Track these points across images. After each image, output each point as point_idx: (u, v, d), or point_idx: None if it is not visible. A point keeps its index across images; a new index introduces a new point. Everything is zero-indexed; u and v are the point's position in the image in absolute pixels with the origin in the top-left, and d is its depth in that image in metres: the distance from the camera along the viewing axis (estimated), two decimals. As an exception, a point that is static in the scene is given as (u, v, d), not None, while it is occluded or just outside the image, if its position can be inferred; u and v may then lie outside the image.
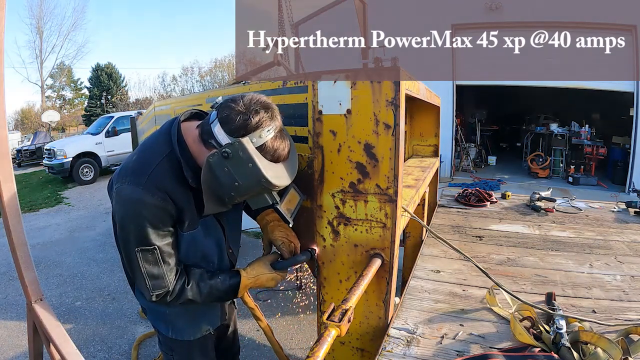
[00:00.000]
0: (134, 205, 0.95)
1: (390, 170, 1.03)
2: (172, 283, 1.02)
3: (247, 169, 0.90)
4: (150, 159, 0.99)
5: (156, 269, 0.99)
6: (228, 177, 0.91)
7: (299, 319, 3.07)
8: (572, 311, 1.12)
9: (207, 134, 0.95)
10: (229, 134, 0.91)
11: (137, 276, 1.01)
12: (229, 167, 0.90)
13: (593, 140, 8.70)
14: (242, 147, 0.89)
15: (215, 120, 0.94)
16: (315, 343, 0.76)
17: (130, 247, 0.98)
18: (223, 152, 0.89)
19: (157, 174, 0.97)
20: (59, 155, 9.45)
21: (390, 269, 1.09)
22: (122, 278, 4.02)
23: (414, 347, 0.99)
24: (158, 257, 0.98)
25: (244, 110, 0.91)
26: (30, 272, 1.38)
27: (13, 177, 1.32)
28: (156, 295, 1.02)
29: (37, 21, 25.06)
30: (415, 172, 1.98)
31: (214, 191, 0.96)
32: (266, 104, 0.94)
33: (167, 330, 1.22)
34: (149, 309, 1.24)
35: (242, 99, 0.93)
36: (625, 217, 2.04)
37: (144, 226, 0.95)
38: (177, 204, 1.00)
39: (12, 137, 16.30)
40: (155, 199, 0.95)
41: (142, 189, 0.94)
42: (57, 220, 6.54)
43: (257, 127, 0.91)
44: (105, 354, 2.78)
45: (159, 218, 0.97)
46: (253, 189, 0.94)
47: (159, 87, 31.33)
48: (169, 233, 1.01)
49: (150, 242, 0.97)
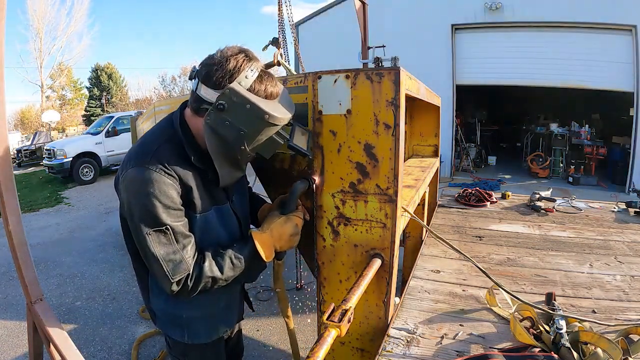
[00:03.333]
0: (140, 184, 0.91)
1: (390, 170, 1.03)
2: (191, 265, 0.96)
3: (246, 111, 0.89)
4: (153, 142, 0.98)
5: (172, 251, 0.93)
6: (232, 130, 0.90)
7: (299, 319, 3.07)
8: (572, 311, 1.12)
9: (197, 102, 0.94)
10: (215, 88, 0.90)
11: (154, 265, 0.94)
12: (229, 119, 0.89)
13: (593, 140, 8.71)
14: (233, 92, 0.88)
15: (199, 83, 0.92)
16: (315, 343, 0.76)
17: (142, 232, 0.92)
18: (218, 106, 0.88)
19: (160, 153, 0.94)
20: (59, 155, 9.45)
21: (390, 269, 1.09)
22: (122, 278, 4.02)
23: (414, 347, 0.99)
24: (171, 238, 0.93)
25: (221, 60, 0.90)
26: (30, 272, 1.37)
27: (13, 177, 1.32)
28: (177, 283, 0.95)
29: (37, 21, 25.03)
30: (415, 172, 1.98)
31: (223, 153, 0.94)
32: (240, 48, 0.93)
33: (182, 335, 1.16)
34: (163, 314, 1.16)
35: (215, 53, 0.92)
36: (625, 217, 2.04)
37: (153, 204, 0.90)
38: (184, 182, 0.96)
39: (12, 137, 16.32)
40: (161, 175, 0.91)
41: (147, 167, 0.91)
42: (57, 220, 6.54)
43: (240, 70, 0.90)
44: (105, 354, 2.78)
45: (167, 195, 0.92)
46: (259, 131, 0.92)
47: (158, 87, 31.36)
48: (180, 212, 0.96)
49: (161, 221, 0.91)
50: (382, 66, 5.54)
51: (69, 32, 26.97)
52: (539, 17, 8.01)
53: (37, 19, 24.93)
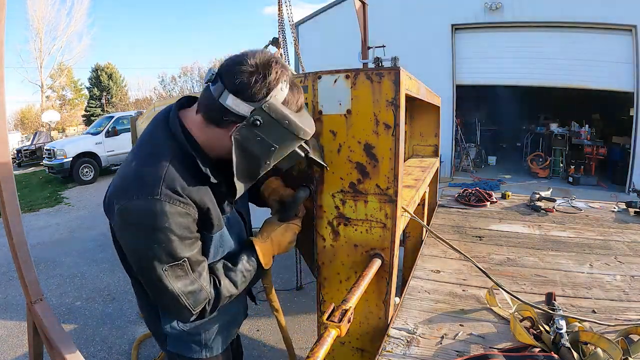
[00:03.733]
0: (154, 220, 0.80)
1: (390, 170, 1.03)
2: (209, 291, 0.90)
3: (282, 129, 0.83)
4: (157, 163, 0.84)
5: (189, 282, 0.86)
6: (263, 145, 0.84)
7: (299, 319, 3.07)
8: (572, 311, 1.12)
9: (218, 112, 0.83)
10: (250, 101, 0.81)
11: (169, 300, 0.86)
12: (262, 135, 0.82)
13: (593, 140, 8.72)
14: (273, 108, 0.81)
15: (224, 92, 0.81)
16: (315, 343, 0.76)
17: (155, 271, 0.83)
18: (253, 121, 0.81)
19: (170, 177, 0.83)
20: (59, 155, 9.46)
21: (390, 269, 1.09)
22: (122, 278, 4.02)
23: (414, 347, 0.99)
24: (188, 269, 0.86)
25: (257, 69, 0.81)
26: (30, 272, 1.37)
27: (13, 177, 1.32)
28: (198, 312, 0.89)
29: (37, 21, 25.03)
30: (415, 172, 1.97)
31: (247, 169, 0.87)
32: (272, 55, 0.85)
33: (199, 353, 1.09)
34: (177, 336, 1.06)
35: (246, 59, 0.81)
36: (625, 217, 2.04)
37: (170, 240, 0.81)
38: (201, 205, 0.88)
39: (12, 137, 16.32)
40: (177, 206, 0.82)
41: (158, 199, 0.80)
42: (57, 220, 6.54)
43: (277, 83, 0.83)
44: (105, 354, 2.78)
45: (184, 227, 0.84)
46: (289, 148, 0.88)
47: (158, 87, 31.38)
48: (196, 239, 0.89)
49: (178, 255, 0.83)
50: (382, 66, 5.54)
51: (69, 32, 26.97)
52: (539, 17, 8.02)
53: (37, 19, 24.92)
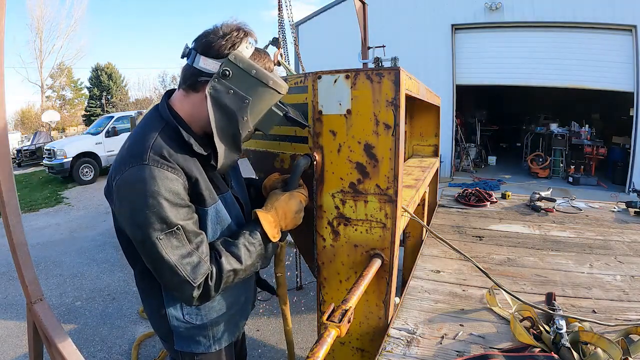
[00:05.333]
0: (143, 185, 0.81)
1: (390, 170, 1.03)
2: (209, 265, 0.89)
3: (251, 78, 0.88)
4: (145, 137, 0.88)
5: (187, 253, 0.85)
6: (236, 99, 0.88)
7: (299, 319, 3.07)
8: (572, 311, 1.12)
9: (193, 76, 0.90)
10: (218, 57, 0.87)
11: (168, 273, 0.85)
12: (233, 87, 0.87)
13: (593, 140, 8.72)
14: (239, 57, 0.87)
15: (196, 55, 0.88)
16: (315, 343, 0.76)
17: (150, 239, 0.82)
18: (222, 72, 0.86)
19: (158, 145, 0.86)
20: (59, 155, 9.46)
21: (390, 269, 1.09)
22: (122, 278, 4.02)
23: (414, 347, 0.99)
24: (183, 239, 0.85)
25: (222, 31, 0.89)
26: (30, 272, 1.37)
27: (13, 177, 1.32)
28: (199, 286, 0.87)
29: (37, 21, 25.05)
30: (415, 172, 1.97)
31: (225, 128, 0.89)
32: (240, 23, 0.92)
33: (208, 346, 1.07)
34: (185, 331, 1.04)
35: (215, 27, 0.90)
36: (625, 217, 2.04)
37: (160, 204, 0.81)
38: (189, 174, 0.89)
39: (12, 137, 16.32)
40: (165, 170, 0.84)
41: (144, 164, 0.83)
42: (57, 220, 6.54)
43: (242, 40, 0.89)
44: (105, 354, 2.78)
45: (173, 191, 0.84)
46: (263, 99, 0.91)
47: (159, 87, 31.36)
48: (190, 209, 0.89)
49: (171, 221, 0.83)
50: (382, 66, 5.54)
51: (69, 32, 27.00)
52: (539, 17, 8.01)
53: (37, 19, 24.95)
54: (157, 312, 1.04)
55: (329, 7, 10.69)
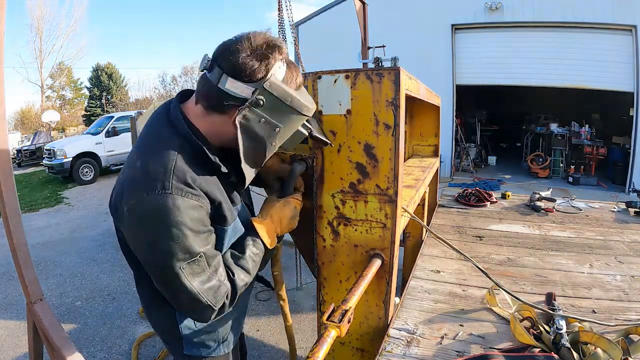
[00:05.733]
0: (167, 215, 0.77)
1: (390, 170, 1.03)
2: (227, 286, 0.88)
3: (285, 106, 0.82)
4: (164, 157, 0.81)
5: (207, 278, 0.83)
6: (267, 127, 0.83)
7: (299, 319, 3.07)
8: (572, 311, 1.12)
9: (219, 98, 0.81)
10: (250, 82, 0.79)
11: (186, 299, 0.83)
12: (266, 115, 0.81)
13: (593, 140, 8.72)
14: (275, 87, 0.80)
15: (222, 76, 0.79)
16: (315, 343, 0.76)
17: (172, 269, 0.79)
18: (256, 102, 0.80)
19: (181, 170, 0.80)
20: (59, 155, 9.46)
21: (390, 269, 1.09)
22: (122, 278, 4.02)
23: (414, 347, 0.99)
24: (204, 265, 0.83)
25: (254, 50, 0.79)
26: (30, 272, 1.38)
27: (13, 177, 1.32)
28: (219, 308, 0.87)
29: (37, 21, 25.05)
30: (415, 172, 1.97)
31: (252, 153, 0.85)
32: (267, 35, 0.83)
33: (217, 349, 1.07)
34: (195, 336, 1.03)
35: (242, 40, 0.79)
36: (625, 217, 2.04)
37: (185, 235, 0.78)
38: (212, 197, 0.85)
39: (12, 137, 16.32)
40: (189, 199, 0.79)
41: (170, 192, 0.77)
42: (57, 220, 6.54)
43: (276, 61, 0.81)
44: (105, 354, 2.78)
45: (198, 220, 0.81)
46: (294, 127, 0.87)
47: (159, 87, 31.37)
48: (210, 232, 0.86)
49: (195, 251, 0.80)
50: (382, 66, 5.54)
51: (69, 32, 27.01)
52: (539, 17, 8.01)
53: (37, 19, 24.96)
54: (166, 322, 1.02)
55: (329, 7, 10.69)
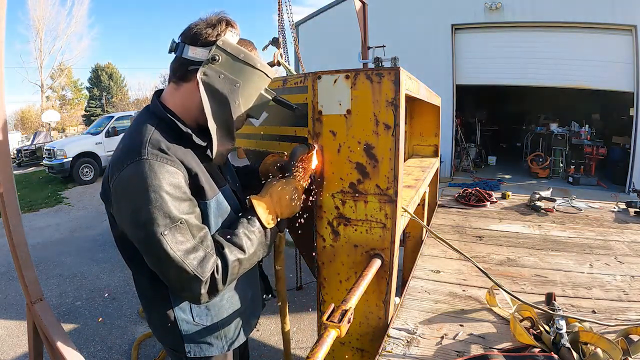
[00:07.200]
0: (143, 179, 0.79)
1: (390, 170, 1.03)
2: (215, 258, 0.87)
3: (240, 62, 0.91)
4: (140, 134, 0.86)
5: (192, 247, 0.83)
6: (227, 83, 0.90)
7: (299, 319, 3.07)
8: (572, 311, 1.12)
9: (182, 66, 0.92)
10: (206, 45, 0.90)
11: (173, 270, 0.82)
12: (223, 71, 0.90)
13: (593, 140, 8.72)
14: (227, 43, 0.90)
15: (184, 46, 0.91)
16: (315, 344, 0.76)
17: (154, 236, 0.79)
18: (212, 57, 0.89)
19: (156, 139, 0.85)
20: (59, 155, 9.46)
21: (390, 269, 1.09)
22: (122, 278, 4.02)
23: (414, 347, 0.99)
24: (187, 234, 0.83)
25: (209, 22, 0.92)
26: (30, 272, 1.37)
27: (13, 177, 1.32)
28: (207, 281, 0.84)
29: (37, 21, 25.04)
30: (415, 172, 1.97)
31: (219, 113, 0.91)
32: (221, 14, 0.95)
33: (222, 347, 1.06)
34: (195, 334, 1.02)
35: (199, 20, 0.93)
36: (625, 217, 2.04)
37: (162, 198, 0.80)
38: (188, 166, 0.89)
39: (12, 137, 16.32)
40: (164, 163, 0.82)
41: (145, 158, 0.81)
42: (57, 220, 6.54)
43: (227, 31, 0.92)
44: (105, 354, 2.78)
45: (174, 185, 0.83)
46: (253, 84, 0.95)
47: (159, 87, 31.38)
48: (192, 203, 0.88)
49: (174, 215, 0.81)
50: (382, 66, 5.54)
51: (69, 32, 27.02)
52: (539, 17, 8.01)
53: (38, 19, 24.95)
54: (165, 320, 1.00)
55: (329, 7, 10.69)
